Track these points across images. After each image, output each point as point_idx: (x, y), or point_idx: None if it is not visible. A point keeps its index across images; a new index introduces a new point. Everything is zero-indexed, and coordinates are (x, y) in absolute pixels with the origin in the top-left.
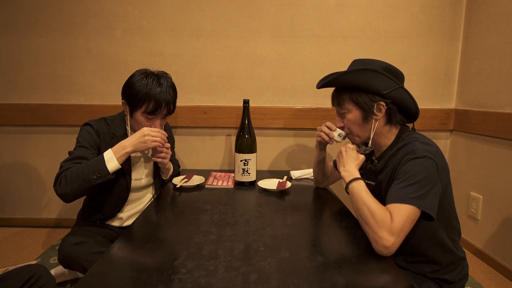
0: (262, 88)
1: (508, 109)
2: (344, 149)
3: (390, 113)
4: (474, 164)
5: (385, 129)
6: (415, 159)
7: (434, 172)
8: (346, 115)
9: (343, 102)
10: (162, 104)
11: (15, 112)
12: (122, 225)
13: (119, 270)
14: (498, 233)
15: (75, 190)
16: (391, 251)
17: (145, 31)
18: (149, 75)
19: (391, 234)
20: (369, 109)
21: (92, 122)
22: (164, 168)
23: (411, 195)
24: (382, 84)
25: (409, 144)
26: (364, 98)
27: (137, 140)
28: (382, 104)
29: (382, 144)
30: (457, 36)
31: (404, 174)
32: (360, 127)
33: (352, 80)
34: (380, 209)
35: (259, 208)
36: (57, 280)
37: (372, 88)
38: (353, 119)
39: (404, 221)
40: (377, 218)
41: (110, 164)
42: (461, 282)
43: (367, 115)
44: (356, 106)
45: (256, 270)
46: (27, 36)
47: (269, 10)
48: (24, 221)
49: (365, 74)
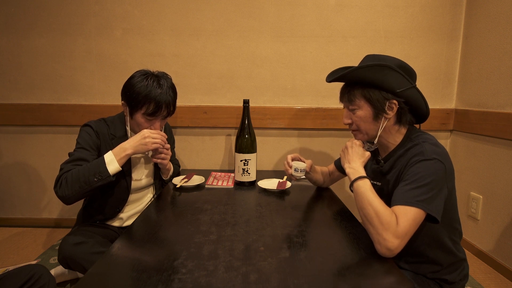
0: (262, 88)
1: (508, 109)
2: (350, 144)
3: (401, 113)
4: (474, 164)
5: (394, 129)
6: (424, 161)
7: (442, 175)
8: (356, 111)
9: (354, 98)
10: (162, 105)
11: (15, 112)
12: (122, 225)
13: (119, 270)
14: (498, 233)
15: (76, 192)
16: (394, 254)
17: (145, 31)
18: (149, 76)
19: (396, 237)
20: (381, 107)
21: (91, 123)
22: (165, 169)
23: (418, 198)
24: (396, 82)
25: (418, 145)
26: (377, 95)
27: (137, 143)
28: (394, 102)
29: (389, 144)
30: (457, 36)
31: (412, 175)
32: (369, 124)
33: (366, 75)
34: (386, 210)
35: (259, 208)
36: (57, 280)
37: (386, 85)
38: (363, 116)
39: (409, 224)
40: (383, 220)
41: (110, 167)
42: (461, 283)
43: (378, 113)
44: (368, 103)
45: (256, 270)
46: (27, 36)
47: (269, 10)
48: (24, 221)
49: (381, 70)
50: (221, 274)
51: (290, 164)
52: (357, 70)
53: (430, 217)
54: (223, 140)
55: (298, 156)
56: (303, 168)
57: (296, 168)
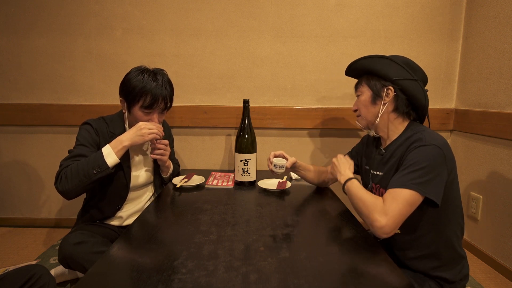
0: (262, 88)
1: (508, 109)
2: (336, 159)
3: (398, 100)
4: (474, 164)
5: (392, 116)
6: (422, 146)
7: (441, 161)
8: (360, 97)
9: (359, 85)
10: (159, 98)
11: (15, 112)
12: (122, 224)
13: (119, 270)
14: (498, 233)
15: (76, 186)
16: (386, 231)
17: (145, 31)
18: (144, 71)
19: (383, 214)
20: (378, 91)
21: (91, 121)
22: (164, 166)
23: (413, 181)
24: (394, 71)
25: (418, 133)
26: (375, 80)
27: (134, 134)
28: (390, 88)
29: (390, 134)
30: (457, 36)
31: (409, 161)
32: (368, 108)
33: (368, 64)
34: (370, 196)
35: (259, 208)
36: (57, 280)
37: (383, 73)
38: (363, 100)
39: (399, 204)
40: (368, 204)
41: (109, 159)
42: (461, 283)
43: (375, 98)
44: (368, 88)
45: (256, 270)
46: (27, 36)
47: (269, 10)
48: (24, 221)
49: (380, 60)
50: (221, 274)
51: (271, 160)
52: (362, 59)
53: (429, 202)
54: (223, 140)
55: (283, 153)
56: (283, 164)
57: (276, 164)
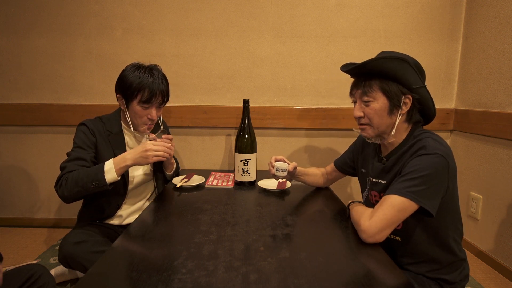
0: (262, 88)
1: (508, 109)
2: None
3: (413, 110)
4: (474, 164)
5: (403, 127)
6: (424, 155)
7: (443, 171)
8: (371, 103)
9: (371, 90)
10: (156, 92)
11: (15, 112)
12: (122, 223)
13: (119, 270)
14: (498, 233)
15: (73, 195)
16: (369, 234)
17: (145, 31)
18: (140, 67)
19: (367, 219)
20: (397, 100)
21: (86, 122)
22: (168, 163)
23: (408, 189)
24: (412, 78)
25: (421, 140)
26: (395, 88)
27: (138, 154)
28: (409, 97)
29: (394, 141)
30: (457, 36)
31: (408, 168)
32: (382, 118)
33: (388, 66)
34: (361, 207)
35: (259, 208)
36: (57, 280)
37: (404, 80)
38: (378, 109)
39: (383, 208)
40: (358, 212)
41: (108, 175)
42: (462, 283)
43: (393, 107)
44: (385, 96)
45: (256, 270)
46: (27, 36)
47: (269, 10)
48: (24, 220)
49: (401, 63)
50: (221, 274)
51: (273, 164)
52: (379, 60)
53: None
54: (223, 140)
55: (283, 158)
56: (285, 168)
57: (278, 168)
